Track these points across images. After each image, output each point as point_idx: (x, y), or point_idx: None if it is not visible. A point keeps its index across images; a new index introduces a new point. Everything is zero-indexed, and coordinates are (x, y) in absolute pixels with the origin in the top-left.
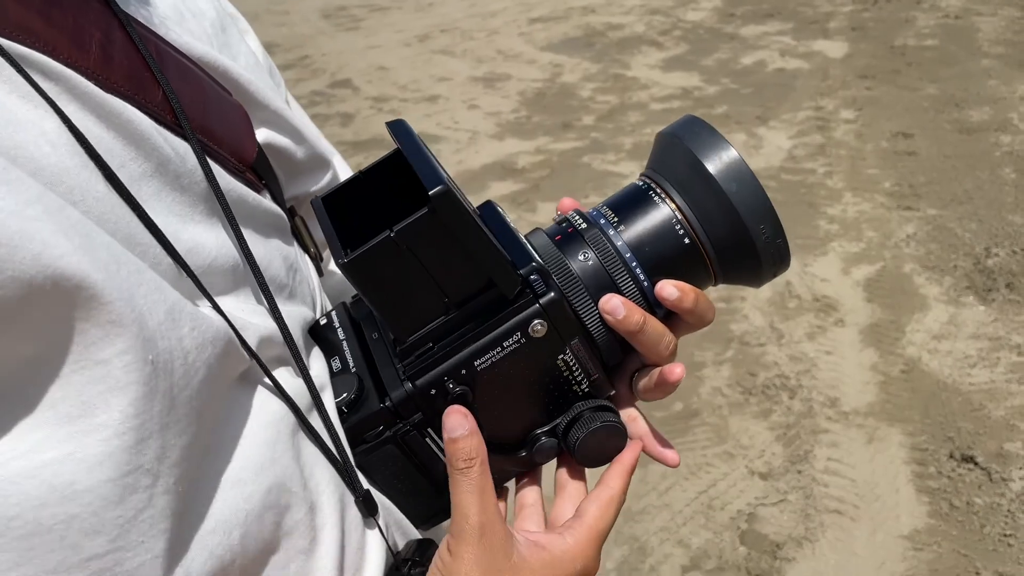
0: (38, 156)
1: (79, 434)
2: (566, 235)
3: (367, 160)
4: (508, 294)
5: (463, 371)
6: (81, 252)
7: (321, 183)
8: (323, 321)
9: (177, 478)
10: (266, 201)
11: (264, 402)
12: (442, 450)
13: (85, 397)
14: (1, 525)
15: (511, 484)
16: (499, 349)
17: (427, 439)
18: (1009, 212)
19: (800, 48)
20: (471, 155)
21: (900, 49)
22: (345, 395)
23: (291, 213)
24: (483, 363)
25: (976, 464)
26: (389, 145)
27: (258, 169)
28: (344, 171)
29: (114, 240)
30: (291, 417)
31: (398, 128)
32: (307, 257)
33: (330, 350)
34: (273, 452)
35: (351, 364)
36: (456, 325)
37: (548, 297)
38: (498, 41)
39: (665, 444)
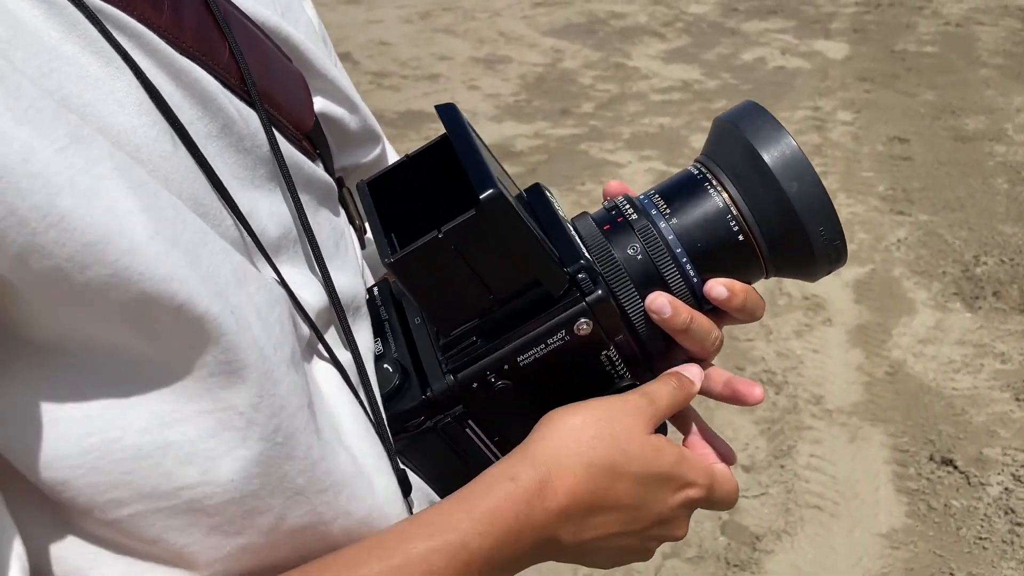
0: (105, 114)
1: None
2: (615, 224)
3: None
4: (555, 292)
5: (506, 366)
6: (149, 211)
7: (371, 155)
8: (366, 296)
9: (275, 428)
10: (319, 170)
11: (327, 377)
12: (481, 439)
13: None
14: (104, 447)
15: None
16: (543, 346)
17: (467, 429)
18: (1000, 222)
19: (801, 47)
20: None
21: (900, 54)
22: (388, 386)
23: (339, 183)
24: (526, 359)
25: (955, 467)
26: (389, 122)
27: (313, 138)
28: (391, 150)
29: (179, 200)
30: (347, 390)
31: (448, 114)
32: (352, 229)
33: (374, 329)
34: (355, 422)
35: (393, 349)
36: (500, 320)
37: (594, 295)
38: (500, 23)
39: (720, 443)
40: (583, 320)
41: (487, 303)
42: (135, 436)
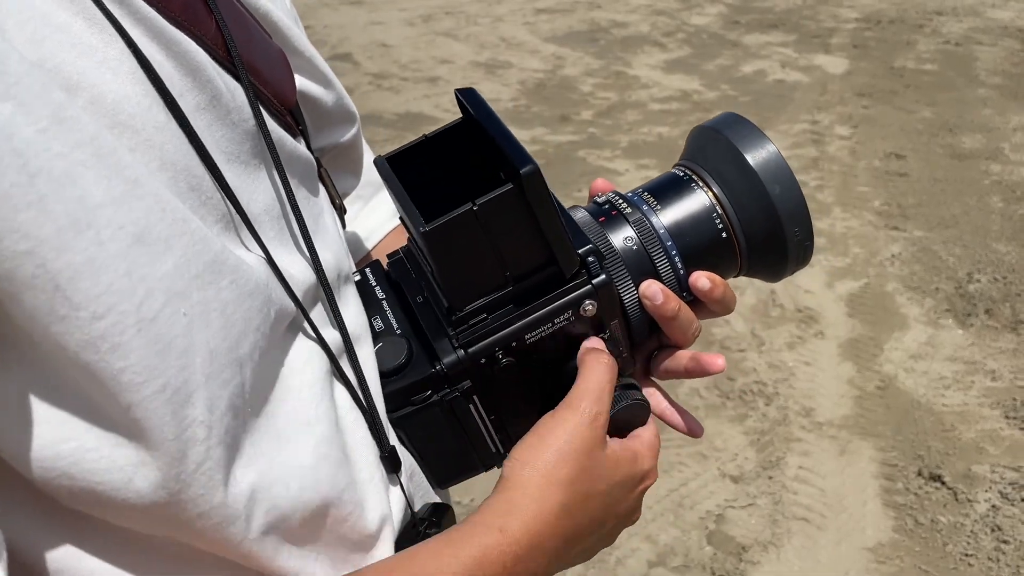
0: (99, 82)
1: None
2: (610, 216)
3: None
4: (567, 273)
5: (513, 343)
6: (119, 204)
7: (348, 135)
8: (357, 277)
9: (227, 427)
10: (301, 147)
11: (309, 356)
12: (481, 416)
13: None
14: (77, 455)
15: None
16: (550, 324)
17: (471, 406)
18: (994, 240)
19: (801, 61)
20: None
21: (899, 70)
22: (395, 360)
23: (317, 163)
24: (533, 337)
25: (943, 483)
26: (387, 123)
27: (295, 114)
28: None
29: (164, 187)
30: (330, 369)
31: (471, 98)
32: (332, 208)
33: (370, 308)
34: (319, 408)
35: (395, 326)
36: (512, 298)
37: (600, 279)
38: (502, 28)
39: (687, 417)
40: (589, 301)
41: (501, 280)
42: (109, 449)
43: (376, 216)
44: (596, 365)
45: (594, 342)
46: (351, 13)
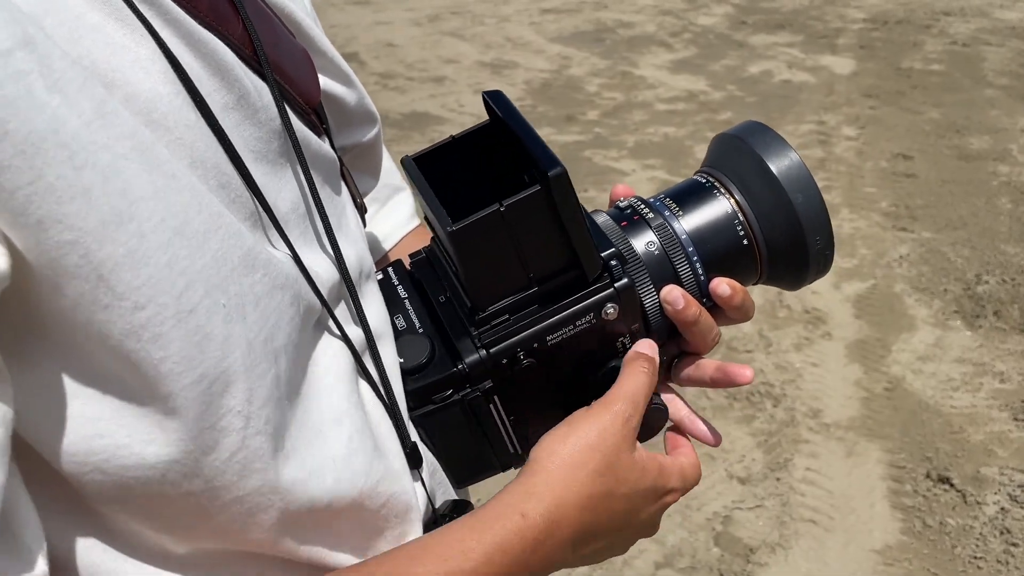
0: (133, 81)
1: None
2: (632, 221)
3: None
4: (590, 276)
5: (535, 344)
6: (160, 197)
7: (369, 135)
8: (379, 276)
9: (267, 418)
10: (325, 145)
11: (335, 353)
12: (500, 416)
13: None
14: (110, 451)
15: None
16: (571, 327)
17: (491, 406)
18: (1002, 241)
19: (808, 62)
20: None
21: (906, 71)
22: (417, 359)
23: (339, 162)
24: (555, 338)
25: (952, 485)
26: (393, 122)
27: (319, 113)
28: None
29: (198, 182)
30: (354, 366)
31: (499, 101)
32: (353, 207)
33: (392, 306)
34: (348, 401)
35: (417, 324)
36: (535, 299)
37: (623, 283)
38: (508, 28)
39: (705, 424)
40: (611, 305)
41: (524, 281)
42: (141, 447)
43: (394, 218)
44: (638, 371)
45: (644, 346)
46: (357, 13)
